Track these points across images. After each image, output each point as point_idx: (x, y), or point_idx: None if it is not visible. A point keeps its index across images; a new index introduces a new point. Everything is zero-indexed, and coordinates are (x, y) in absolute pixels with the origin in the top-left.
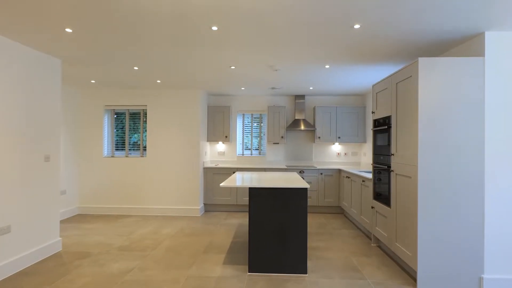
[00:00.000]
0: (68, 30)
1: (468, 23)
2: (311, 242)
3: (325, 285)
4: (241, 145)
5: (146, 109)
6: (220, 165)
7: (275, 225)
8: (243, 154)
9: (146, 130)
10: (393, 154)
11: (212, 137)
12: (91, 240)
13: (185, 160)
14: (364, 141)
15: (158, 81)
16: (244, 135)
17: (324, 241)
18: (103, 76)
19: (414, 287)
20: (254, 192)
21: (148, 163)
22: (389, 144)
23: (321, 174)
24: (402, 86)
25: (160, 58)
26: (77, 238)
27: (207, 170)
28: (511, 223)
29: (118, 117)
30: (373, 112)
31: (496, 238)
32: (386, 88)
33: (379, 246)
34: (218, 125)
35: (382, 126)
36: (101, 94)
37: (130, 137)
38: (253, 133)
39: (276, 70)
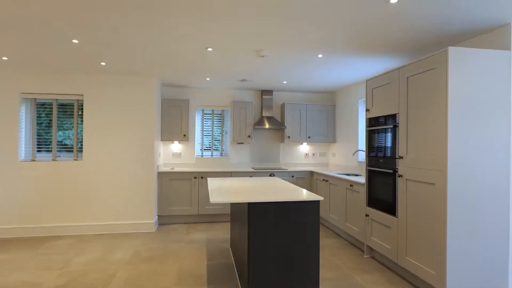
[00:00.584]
0: None
1: (493, 12)
2: None
3: None
4: (199, 145)
5: (82, 100)
6: (177, 169)
7: (280, 249)
8: (202, 156)
9: (82, 127)
10: (401, 157)
11: (167, 136)
12: (6, 281)
13: (136, 164)
14: (334, 141)
15: (103, 63)
16: (204, 134)
17: None
18: (23, 51)
19: None
20: (255, 208)
21: (85, 168)
22: (393, 146)
23: (293, 177)
24: (417, 80)
25: (109, 28)
26: None
27: (162, 175)
28: None
29: (42, 109)
30: (367, 110)
31: None
32: (390, 83)
33: (373, 257)
34: (174, 122)
35: (383, 126)
36: (16, 78)
37: (62, 136)
38: (214, 132)
39: (263, 56)
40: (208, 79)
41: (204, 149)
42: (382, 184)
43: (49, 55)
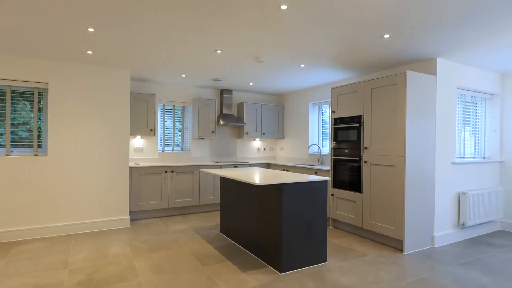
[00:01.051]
0: None
1: (425, 51)
2: None
3: (347, 268)
4: (161, 140)
5: (46, 88)
6: (144, 164)
7: (303, 218)
8: (163, 151)
9: (42, 118)
10: (366, 148)
11: (133, 131)
12: (13, 286)
13: (109, 160)
14: (283, 137)
15: (89, 52)
16: (165, 129)
17: None
18: None
19: (401, 251)
20: (286, 188)
21: (50, 164)
22: (358, 139)
23: None
24: (380, 91)
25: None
26: None
27: (132, 170)
28: (447, 198)
29: (12, 97)
30: (333, 111)
31: (441, 210)
32: (355, 91)
33: (337, 227)
34: (141, 117)
35: (349, 124)
36: None
37: (17, 128)
38: (175, 127)
39: (261, 62)
40: (183, 75)
41: (166, 144)
42: (347, 169)
43: (11, 24)
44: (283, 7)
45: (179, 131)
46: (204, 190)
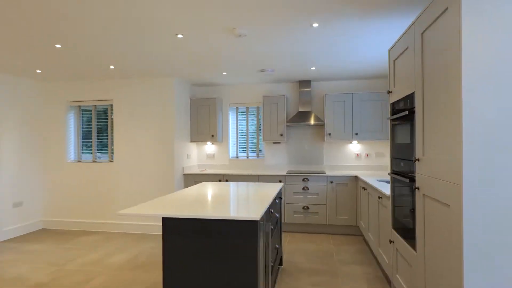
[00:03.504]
0: None
1: None
2: None
3: None
4: (234, 145)
5: (112, 104)
6: (208, 171)
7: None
8: (237, 157)
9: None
10: (417, 160)
11: (197, 137)
12: (9, 274)
13: (157, 166)
14: (387, 138)
15: (112, 67)
16: (239, 134)
17: None
18: (66, 64)
19: None
20: (170, 224)
21: (116, 169)
22: (411, 142)
23: (331, 182)
24: (431, 35)
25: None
26: (1, 268)
27: (188, 177)
28: None
29: (84, 114)
30: (389, 92)
31: None
32: (407, 47)
33: None
34: (203, 122)
35: (402, 113)
36: (64, 87)
37: (101, 139)
38: (250, 131)
39: (240, 35)
40: (224, 73)
41: (241, 150)
42: (403, 198)
43: (85, 66)
44: None
45: (254, 135)
46: None
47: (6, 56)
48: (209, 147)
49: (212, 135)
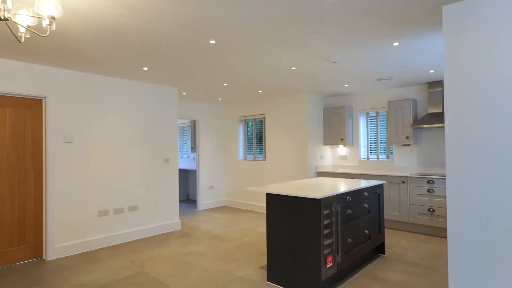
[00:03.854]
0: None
1: None
2: None
3: None
4: (365, 148)
5: (265, 117)
6: (339, 170)
7: (288, 238)
8: (368, 158)
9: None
10: None
11: (329, 140)
12: (202, 227)
13: (294, 164)
14: None
15: (260, 91)
16: (369, 137)
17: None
18: (224, 94)
19: None
20: (270, 198)
21: (267, 166)
22: None
23: None
24: None
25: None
26: (198, 223)
27: (320, 174)
28: None
29: (248, 125)
30: None
31: None
32: None
33: None
34: (334, 127)
35: None
36: (235, 107)
37: (259, 144)
38: (380, 134)
39: (335, 62)
40: (346, 85)
41: (371, 152)
42: None
43: (244, 93)
44: None
45: (384, 138)
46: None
47: (202, 91)
48: (341, 149)
49: (342, 139)
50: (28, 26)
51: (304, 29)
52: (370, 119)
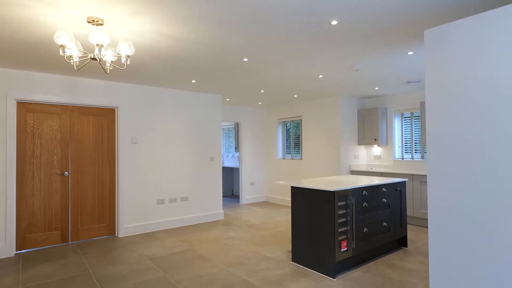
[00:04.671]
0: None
1: None
2: None
3: None
4: (399, 148)
5: (301, 119)
6: (374, 169)
7: (309, 224)
8: (402, 158)
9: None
10: None
11: (363, 141)
12: (242, 218)
13: (328, 163)
14: None
15: (295, 96)
16: (404, 137)
17: None
18: (263, 99)
19: None
20: (294, 190)
21: (304, 165)
22: None
23: None
24: None
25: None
26: (240, 215)
27: (354, 173)
28: None
29: (286, 127)
30: None
31: None
32: None
33: None
34: (367, 128)
35: None
36: (274, 110)
37: (296, 144)
38: (414, 134)
39: (357, 70)
40: (376, 88)
41: (406, 152)
42: None
43: (281, 97)
44: None
45: (418, 138)
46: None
47: (243, 97)
48: (376, 149)
49: (375, 139)
50: (112, 62)
51: (324, 45)
52: (404, 120)
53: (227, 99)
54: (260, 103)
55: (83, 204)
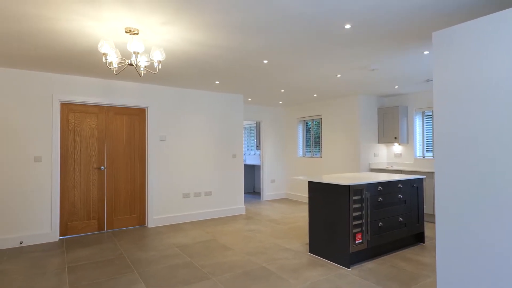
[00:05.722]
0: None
1: None
2: None
3: None
4: (420, 146)
5: (321, 118)
6: (394, 167)
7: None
8: (423, 157)
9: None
10: None
11: (382, 139)
12: (263, 213)
13: (348, 161)
14: None
15: (315, 95)
16: (425, 135)
17: None
18: (283, 98)
19: None
20: (311, 186)
21: (324, 162)
22: None
23: None
24: None
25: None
26: (260, 210)
27: (373, 171)
28: None
29: (307, 125)
30: None
31: None
32: None
33: None
34: (387, 126)
35: None
36: (295, 109)
37: (316, 142)
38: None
39: (373, 69)
40: (396, 87)
41: (427, 150)
42: None
43: (301, 96)
44: None
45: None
46: None
47: (264, 97)
48: (396, 148)
49: (395, 137)
50: (145, 67)
51: (339, 47)
52: (426, 118)
53: (249, 99)
54: (280, 102)
55: (117, 196)
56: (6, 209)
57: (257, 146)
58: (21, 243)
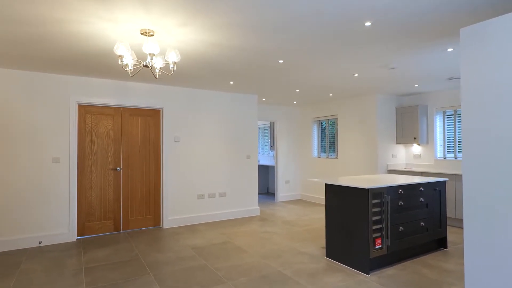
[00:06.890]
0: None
1: None
2: None
3: None
4: (441, 147)
5: (337, 118)
6: (413, 169)
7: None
8: (444, 158)
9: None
10: None
11: (401, 139)
12: (277, 214)
13: (365, 162)
14: None
15: (330, 95)
16: (446, 136)
17: None
18: (298, 98)
19: None
20: (328, 188)
21: (339, 163)
22: None
23: None
24: None
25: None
26: (275, 211)
27: (391, 172)
28: None
29: (322, 125)
30: None
31: None
32: None
33: None
34: (406, 127)
35: None
36: (310, 109)
37: (331, 142)
38: (458, 133)
39: (393, 68)
40: (416, 86)
41: (449, 151)
42: None
43: (317, 96)
44: None
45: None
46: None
47: (278, 96)
48: (416, 148)
49: (414, 138)
50: (161, 68)
51: (358, 46)
52: (447, 118)
53: (263, 99)
54: (295, 102)
55: (133, 197)
56: (26, 209)
57: (271, 146)
58: (40, 243)
